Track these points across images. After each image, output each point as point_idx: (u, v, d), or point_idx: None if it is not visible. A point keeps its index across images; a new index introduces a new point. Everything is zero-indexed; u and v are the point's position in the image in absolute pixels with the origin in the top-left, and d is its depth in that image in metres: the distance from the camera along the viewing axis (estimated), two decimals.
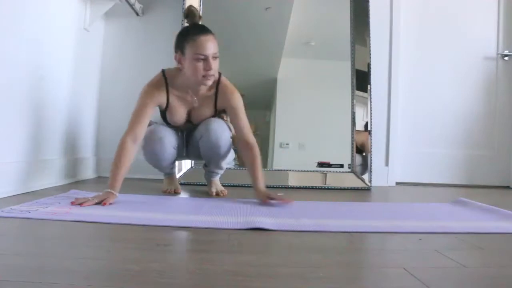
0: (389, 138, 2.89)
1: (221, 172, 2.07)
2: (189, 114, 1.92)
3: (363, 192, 2.49)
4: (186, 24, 1.90)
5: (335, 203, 1.93)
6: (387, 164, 2.86)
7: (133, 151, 1.70)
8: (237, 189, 2.40)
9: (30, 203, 1.50)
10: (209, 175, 2.06)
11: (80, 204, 1.48)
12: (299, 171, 2.62)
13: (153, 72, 2.84)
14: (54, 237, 1.12)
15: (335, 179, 2.61)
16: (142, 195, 1.87)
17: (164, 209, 1.58)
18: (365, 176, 2.61)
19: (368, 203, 2.03)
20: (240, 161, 2.70)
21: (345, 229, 1.27)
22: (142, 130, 1.74)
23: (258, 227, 1.27)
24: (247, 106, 1.90)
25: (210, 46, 1.71)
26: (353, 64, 2.70)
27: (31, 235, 1.12)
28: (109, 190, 1.59)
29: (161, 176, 2.16)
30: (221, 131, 1.87)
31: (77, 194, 1.72)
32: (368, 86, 2.68)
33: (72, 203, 1.49)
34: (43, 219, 1.26)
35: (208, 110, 1.90)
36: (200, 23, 1.84)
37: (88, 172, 2.60)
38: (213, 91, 1.86)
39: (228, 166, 2.18)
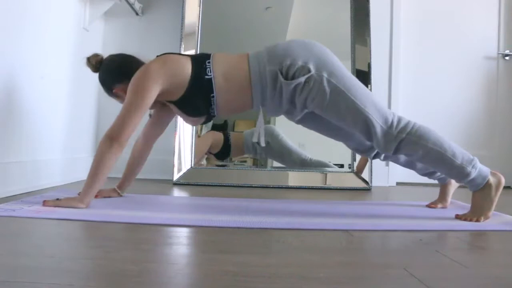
0: None
1: None
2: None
3: (363, 192, 2.49)
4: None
5: (335, 202, 1.93)
6: (387, 164, 2.86)
7: None
8: (235, 188, 2.40)
9: (16, 202, 1.50)
10: None
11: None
12: (299, 171, 2.62)
13: None
14: (51, 236, 1.12)
15: (335, 179, 2.60)
16: (138, 194, 1.87)
17: (163, 208, 1.58)
18: (367, 175, 2.61)
19: (368, 203, 2.03)
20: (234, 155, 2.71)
21: (345, 227, 1.27)
22: None
23: (258, 226, 1.27)
24: None
25: None
26: (353, 64, 2.69)
27: (23, 235, 1.12)
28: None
29: (157, 176, 2.15)
30: None
31: (64, 193, 1.71)
32: (369, 86, 2.67)
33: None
34: (28, 218, 1.26)
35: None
36: None
37: (87, 172, 2.59)
38: None
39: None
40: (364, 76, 2.68)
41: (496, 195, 1.43)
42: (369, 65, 2.70)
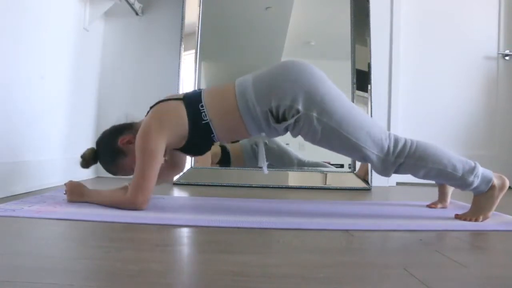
0: None
1: None
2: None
3: (363, 192, 2.49)
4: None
5: (335, 202, 1.93)
6: None
7: None
8: (235, 188, 2.40)
9: (16, 202, 1.51)
10: None
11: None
12: (299, 171, 2.62)
13: (153, 72, 2.86)
14: (51, 236, 1.12)
15: (335, 179, 2.60)
16: None
17: (163, 208, 1.58)
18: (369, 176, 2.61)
19: (368, 203, 2.03)
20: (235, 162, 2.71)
21: (345, 227, 1.27)
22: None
23: (258, 226, 1.27)
24: None
25: None
26: (353, 64, 2.69)
27: (23, 235, 1.12)
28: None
29: None
30: None
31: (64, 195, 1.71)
32: (369, 86, 2.68)
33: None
34: (28, 218, 1.26)
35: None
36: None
37: (87, 172, 2.60)
38: None
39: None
40: (364, 76, 2.68)
41: (499, 197, 1.43)
42: (369, 65, 2.70)
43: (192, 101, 1.50)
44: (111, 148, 1.56)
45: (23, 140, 1.87)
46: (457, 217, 1.48)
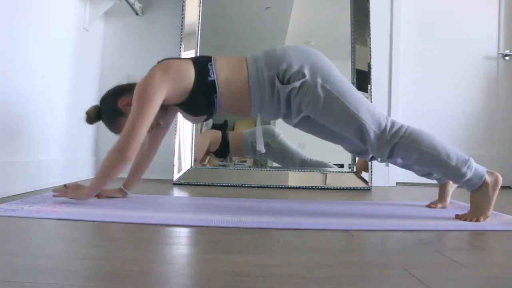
0: None
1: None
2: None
3: (363, 192, 2.49)
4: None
5: (335, 202, 1.93)
6: (387, 164, 2.86)
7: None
8: (235, 188, 2.40)
9: (16, 202, 1.50)
10: None
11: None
12: (299, 171, 2.62)
13: None
14: (51, 236, 1.12)
15: (335, 179, 2.60)
16: (139, 194, 1.87)
17: (163, 208, 1.58)
18: (367, 176, 2.61)
19: (368, 203, 2.03)
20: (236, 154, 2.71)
21: (345, 227, 1.27)
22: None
23: (258, 226, 1.27)
24: None
25: None
26: (353, 64, 2.69)
27: (23, 235, 1.12)
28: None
29: (157, 176, 2.15)
30: None
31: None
32: (369, 86, 2.68)
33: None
34: (28, 218, 1.26)
35: None
36: None
37: (87, 172, 2.60)
38: None
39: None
40: (364, 76, 2.68)
41: (494, 194, 1.43)
42: (369, 65, 2.70)
43: (200, 59, 1.54)
44: (111, 108, 1.60)
45: (23, 140, 1.87)
46: (457, 217, 1.48)
